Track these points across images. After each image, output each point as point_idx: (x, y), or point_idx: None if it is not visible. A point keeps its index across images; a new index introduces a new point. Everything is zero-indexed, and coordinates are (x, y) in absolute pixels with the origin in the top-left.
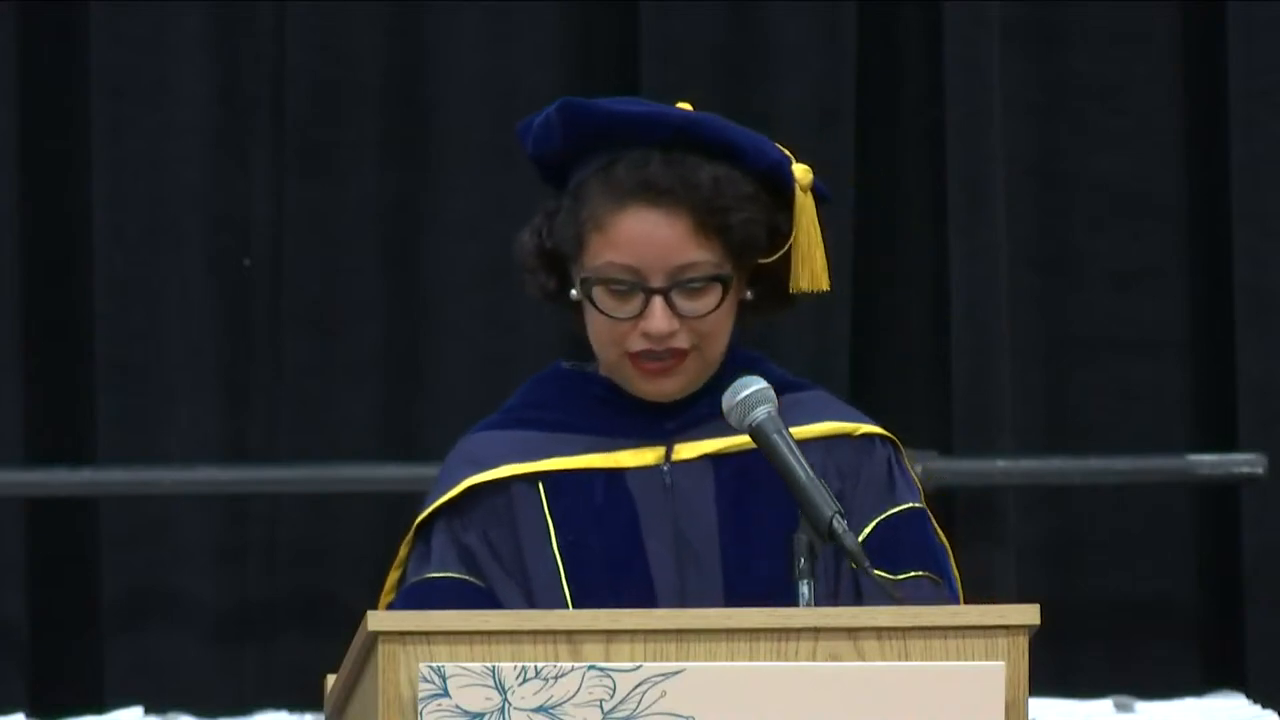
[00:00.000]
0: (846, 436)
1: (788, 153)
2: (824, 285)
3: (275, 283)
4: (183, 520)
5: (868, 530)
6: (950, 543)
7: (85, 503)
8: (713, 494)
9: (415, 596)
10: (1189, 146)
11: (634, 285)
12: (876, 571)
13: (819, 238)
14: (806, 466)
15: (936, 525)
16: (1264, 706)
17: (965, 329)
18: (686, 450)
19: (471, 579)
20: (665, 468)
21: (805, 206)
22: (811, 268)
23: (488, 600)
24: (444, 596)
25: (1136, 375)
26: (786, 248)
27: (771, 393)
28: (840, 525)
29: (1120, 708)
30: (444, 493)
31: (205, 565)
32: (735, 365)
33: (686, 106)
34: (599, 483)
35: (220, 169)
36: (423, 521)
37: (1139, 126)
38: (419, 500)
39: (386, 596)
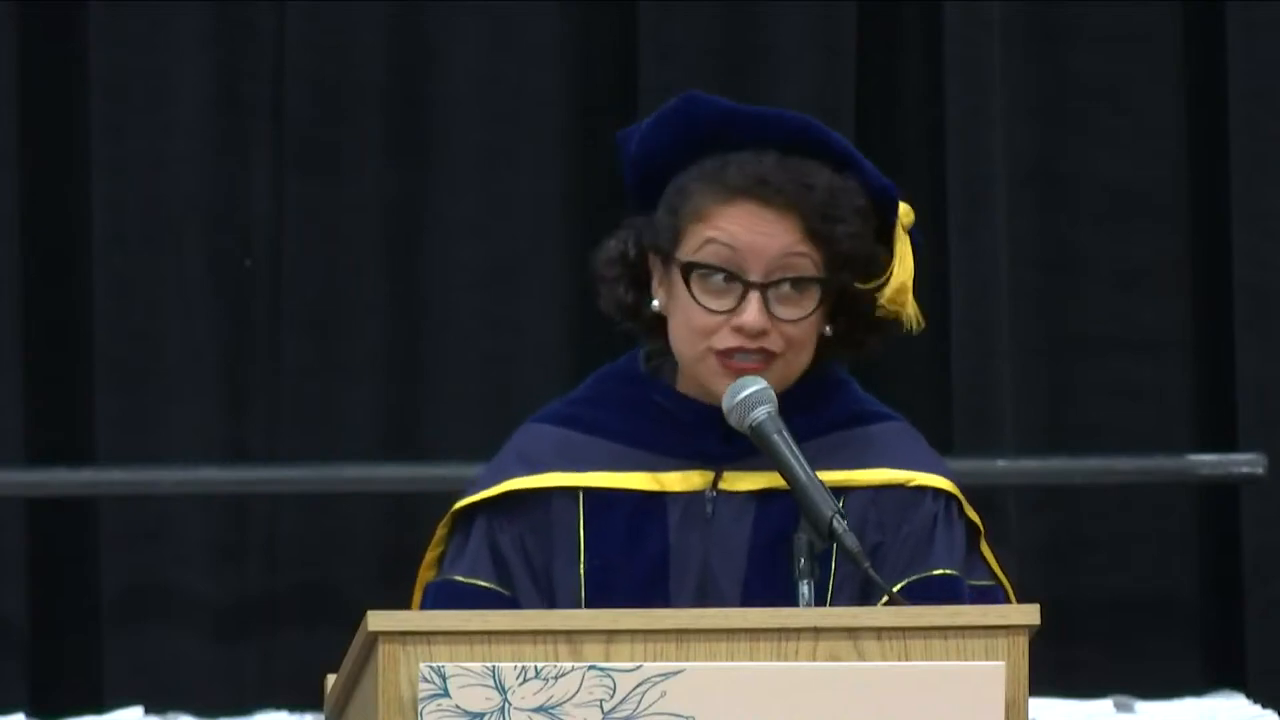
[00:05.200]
0: (900, 486)
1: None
2: (911, 309)
3: (275, 283)
4: (183, 520)
5: (896, 589)
6: None
7: (85, 503)
8: (749, 535)
9: (443, 598)
10: (1189, 146)
11: (732, 277)
12: None
13: (912, 273)
14: (806, 466)
15: (994, 567)
16: (1264, 706)
17: (965, 329)
18: (735, 481)
19: (500, 589)
20: (710, 495)
21: (905, 242)
22: (906, 294)
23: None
24: (470, 605)
25: (1137, 375)
26: (878, 283)
27: (771, 393)
28: (840, 525)
29: (1120, 708)
30: (489, 486)
31: (205, 565)
32: (812, 390)
33: None
34: (638, 504)
35: (220, 169)
36: (467, 508)
37: (1139, 126)
38: (420, 499)
39: (426, 572)
